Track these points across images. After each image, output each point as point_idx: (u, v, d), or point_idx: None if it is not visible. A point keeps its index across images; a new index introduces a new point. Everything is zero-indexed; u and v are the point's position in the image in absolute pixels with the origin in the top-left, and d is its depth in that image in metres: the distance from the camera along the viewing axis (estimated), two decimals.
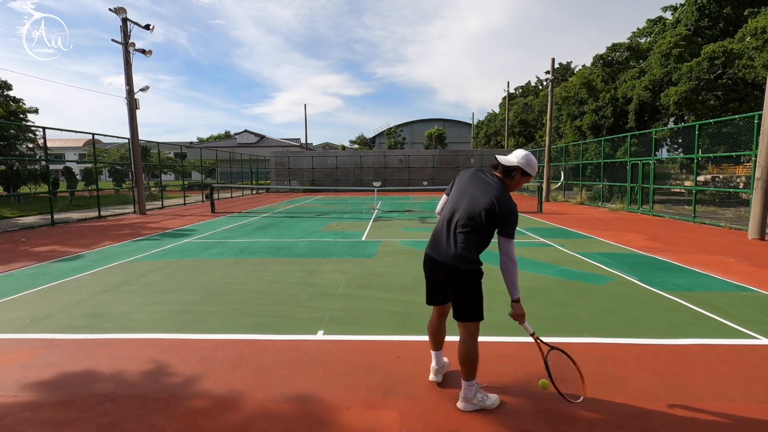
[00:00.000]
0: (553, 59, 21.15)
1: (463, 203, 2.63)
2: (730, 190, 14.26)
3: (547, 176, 21.54)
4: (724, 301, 4.82)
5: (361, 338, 3.88)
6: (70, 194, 23.38)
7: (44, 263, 7.28)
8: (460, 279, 2.59)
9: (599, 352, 3.54)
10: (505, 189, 2.64)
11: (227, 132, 70.45)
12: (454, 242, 2.59)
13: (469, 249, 2.55)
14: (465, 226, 2.56)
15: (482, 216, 2.52)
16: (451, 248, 2.59)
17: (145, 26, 15.81)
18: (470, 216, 2.56)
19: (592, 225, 11.55)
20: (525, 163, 2.65)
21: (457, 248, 2.56)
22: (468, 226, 2.55)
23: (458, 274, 2.58)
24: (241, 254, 7.84)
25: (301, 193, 30.24)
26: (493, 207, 2.51)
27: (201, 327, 4.18)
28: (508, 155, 2.73)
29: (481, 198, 2.56)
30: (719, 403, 2.76)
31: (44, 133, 13.70)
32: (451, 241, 2.60)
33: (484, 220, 2.52)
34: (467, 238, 2.55)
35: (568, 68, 37.41)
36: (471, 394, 2.67)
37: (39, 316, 4.54)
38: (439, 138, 50.47)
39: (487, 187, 2.61)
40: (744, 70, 17.32)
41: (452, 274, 2.60)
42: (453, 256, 2.57)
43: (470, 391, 2.67)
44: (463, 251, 2.55)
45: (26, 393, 2.96)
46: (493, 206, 2.51)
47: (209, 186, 18.48)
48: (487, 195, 2.56)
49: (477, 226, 2.54)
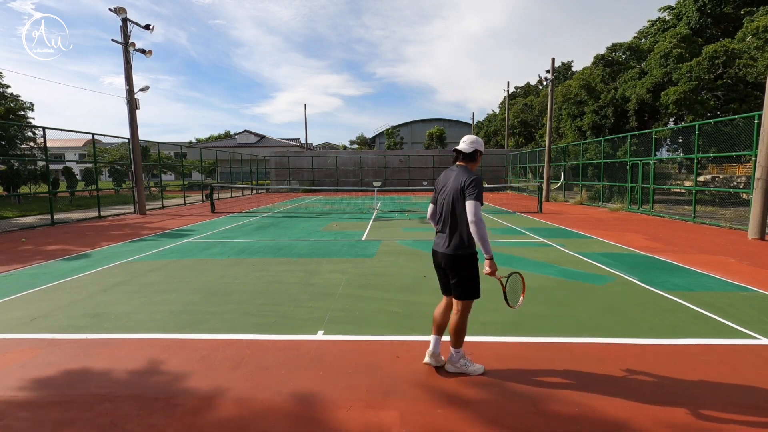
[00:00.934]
0: (553, 59, 21.16)
1: (446, 199, 3.10)
2: (730, 190, 14.26)
3: (547, 176, 21.53)
4: (724, 301, 4.82)
5: (361, 338, 3.88)
6: (70, 194, 23.39)
7: (44, 263, 7.28)
8: (457, 265, 3.02)
9: (599, 352, 3.54)
10: (470, 170, 3.12)
11: (227, 132, 70.50)
12: (449, 234, 3.06)
13: (462, 237, 3.01)
14: (452, 215, 3.04)
15: (457, 193, 3.00)
16: (446, 240, 3.07)
17: (145, 26, 15.81)
18: (452, 202, 3.04)
19: (592, 225, 11.56)
20: (480, 143, 3.20)
21: (452, 239, 3.04)
22: (454, 214, 3.03)
23: (454, 261, 3.02)
24: (241, 254, 7.84)
25: (301, 193, 30.25)
26: (461, 182, 3.01)
27: (201, 327, 4.18)
28: (464, 145, 3.18)
29: (454, 183, 3.07)
30: (719, 403, 2.76)
31: (44, 133, 13.70)
32: (446, 233, 3.08)
33: (460, 196, 3.00)
34: (458, 228, 3.02)
35: (568, 68, 37.43)
36: (456, 359, 3.16)
37: (39, 316, 4.55)
38: (439, 138, 50.48)
39: (456, 175, 3.10)
40: (745, 69, 17.32)
41: (449, 262, 3.04)
42: (449, 246, 3.04)
43: (456, 356, 3.16)
44: (459, 240, 3.01)
45: (26, 393, 2.96)
46: (461, 182, 3.01)
47: (209, 186, 18.48)
48: (457, 179, 3.06)
49: (459, 208, 3.00)
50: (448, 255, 3.04)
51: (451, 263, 3.03)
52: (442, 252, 3.07)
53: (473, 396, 2.88)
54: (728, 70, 17.98)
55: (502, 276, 3.11)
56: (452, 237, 3.03)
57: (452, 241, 3.02)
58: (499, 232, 10.40)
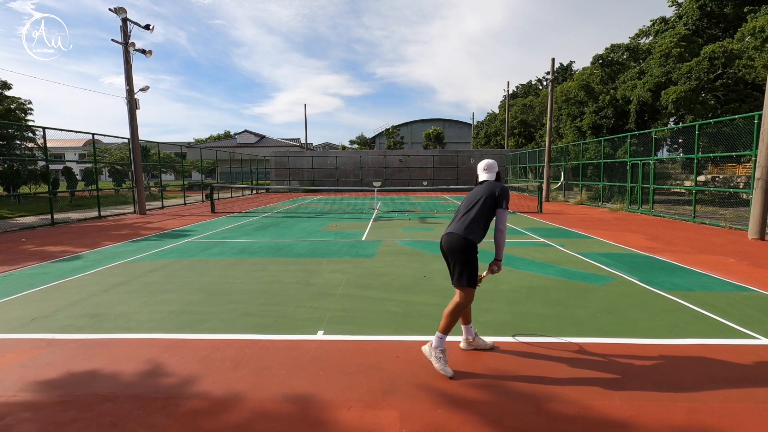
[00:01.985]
0: (553, 59, 21.16)
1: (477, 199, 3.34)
2: (730, 190, 14.26)
3: (547, 176, 21.53)
4: (724, 301, 4.82)
5: (361, 338, 3.88)
6: (70, 194, 23.38)
7: (44, 263, 7.28)
8: (462, 247, 3.18)
9: (599, 352, 3.54)
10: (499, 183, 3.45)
11: (227, 132, 70.47)
12: (468, 221, 3.25)
13: (477, 229, 3.22)
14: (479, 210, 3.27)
15: (490, 198, 3.27)
16: (463, 224, 3.25)
17: (145, 26, 15.81)
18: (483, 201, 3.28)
19: (592, 225, 11.55)
20: (495, 165, 3.56)
21: (468, 225, 3.23)
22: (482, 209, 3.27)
23: (461, 243, 3.19)
24: (241, 254, 7.84)
25: (301, 193, 30.25)
26: (495, 190, 3.31)
27: (201, 327, 4.18)
28: (485, 169, 3.52)
29: (486, 191, 3.32)
30: (719, 403, 2.76)
31: (44, 133, 13.70)
32: (465, 220, 3.26)
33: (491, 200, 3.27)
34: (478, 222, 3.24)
35: (568, 68, 37.41)
36: (437, 344, 3.21)
37: (39, 316, 4.54)
38: (437, 138, 50.45)
39: (488, 185, 3.39)
40: (744, 70, 17.32)
41: (456, 242, 3.21)
42: (464, 230, 3.22)
43: (438, 342, 3.21)
44: (474, 229, 3.21)
45: (26, 393, 2.96)
46: (495, 190, 3.31)
47: (209, 186, 18.48)
48: (489, 188, 3.34)
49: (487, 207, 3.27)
50: (459, 235, 3.19)
51: (457, 244, 3.19)
52: (455, 232, 3.23)
53: (474, 396, 2.88)
54: (728, 71, 17.98)
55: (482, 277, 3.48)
56: (470, 224, 3.22)
57: (468, 228, 3.21)
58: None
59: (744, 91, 17.93)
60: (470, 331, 3.57)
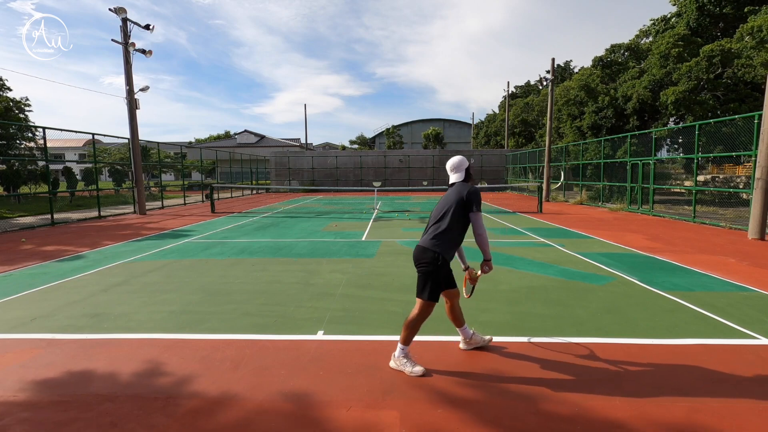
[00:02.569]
0: (553, 59, 21.16)
1: (444, 207, 3.25)
2: (730, 190, 14.25)
3: (547, 176, 21.54)
4: (724, 301, 4.82)
5: (361, 338, 3.88)
6: (70, 194, 23.38)
7: (44, 263, 7.28)
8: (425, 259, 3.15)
9: (599, 352, 3.54)
10: (466, 184, 3.29)
11: (227, 132, 70.42)
12: (433, 232, 3.19)
13: (443, 240, 3.15)
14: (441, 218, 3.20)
15: (457, 204, 3.15)
16: (429, 235, 3.21)
17: (145, 26, 15.81)
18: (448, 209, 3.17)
19: (592, 225, 11.55)
20: (463, 162, 3.38)
21: (434, 236, 3.18)
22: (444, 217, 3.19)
23: (425, 254, 3.16)
24: (241, 254, 7.84)
25: (301, 193, 30.24)
26: (461, 195, 3.17)
27: (201, 327, 4.18)
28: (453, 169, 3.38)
29: (453, 196, 3.21)
30: (719, 403, 2.76)
31: (44, 133, 13.70)
32: (431, 231, 3.22)
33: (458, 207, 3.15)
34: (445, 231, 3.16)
35: (567, 68, 37.42)
36: (398, 354, 3.24)
37: (39, 316, 4.54)
38: (436, 138, 50.45)
39: (455, 189, 3.26)
40: (743, 69, 17.32)
41: (421, 253, 3.19)
42: (428, 241, 3.18)
43: (400, 352, 3.24)
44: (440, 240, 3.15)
45: (26, 393, 2.96)
46: (461, 195, 3.18)
47: (209, 186, 18.48)
48: (457, 192, 3.21)
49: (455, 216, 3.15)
50: (424, 248, 3.17)
51: (423, 256, 3.16)
52: (421, 245, 3.21)
53: (473, 396, 2.88)
54: (727, 70, 17.98)
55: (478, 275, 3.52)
56: (438, 236, 3.17)
57: (435, 240, 3.16)
58: (499, 232, 10.40)
59: (744, 90, 17.93)
60: (466, 331, 3.57)
